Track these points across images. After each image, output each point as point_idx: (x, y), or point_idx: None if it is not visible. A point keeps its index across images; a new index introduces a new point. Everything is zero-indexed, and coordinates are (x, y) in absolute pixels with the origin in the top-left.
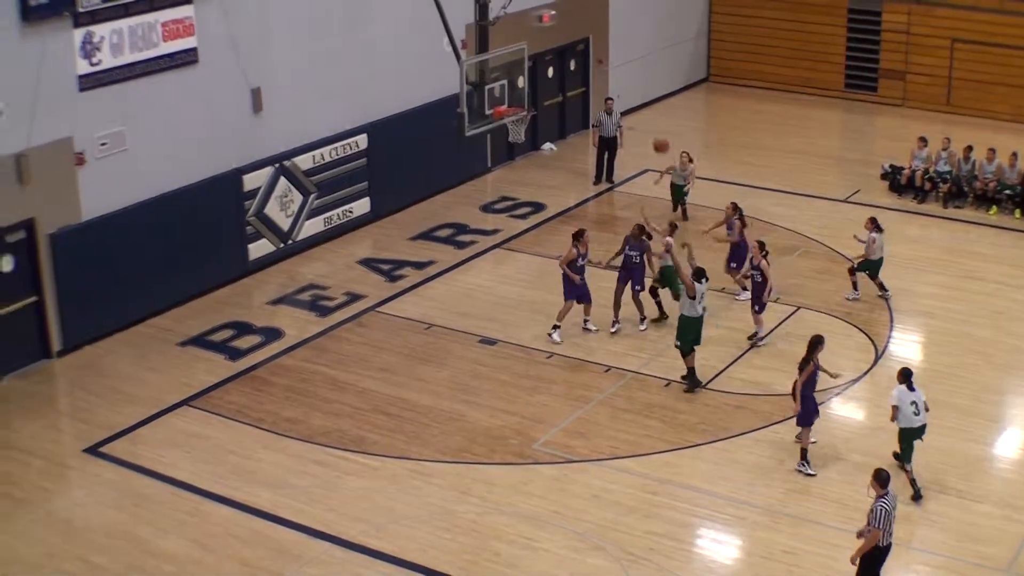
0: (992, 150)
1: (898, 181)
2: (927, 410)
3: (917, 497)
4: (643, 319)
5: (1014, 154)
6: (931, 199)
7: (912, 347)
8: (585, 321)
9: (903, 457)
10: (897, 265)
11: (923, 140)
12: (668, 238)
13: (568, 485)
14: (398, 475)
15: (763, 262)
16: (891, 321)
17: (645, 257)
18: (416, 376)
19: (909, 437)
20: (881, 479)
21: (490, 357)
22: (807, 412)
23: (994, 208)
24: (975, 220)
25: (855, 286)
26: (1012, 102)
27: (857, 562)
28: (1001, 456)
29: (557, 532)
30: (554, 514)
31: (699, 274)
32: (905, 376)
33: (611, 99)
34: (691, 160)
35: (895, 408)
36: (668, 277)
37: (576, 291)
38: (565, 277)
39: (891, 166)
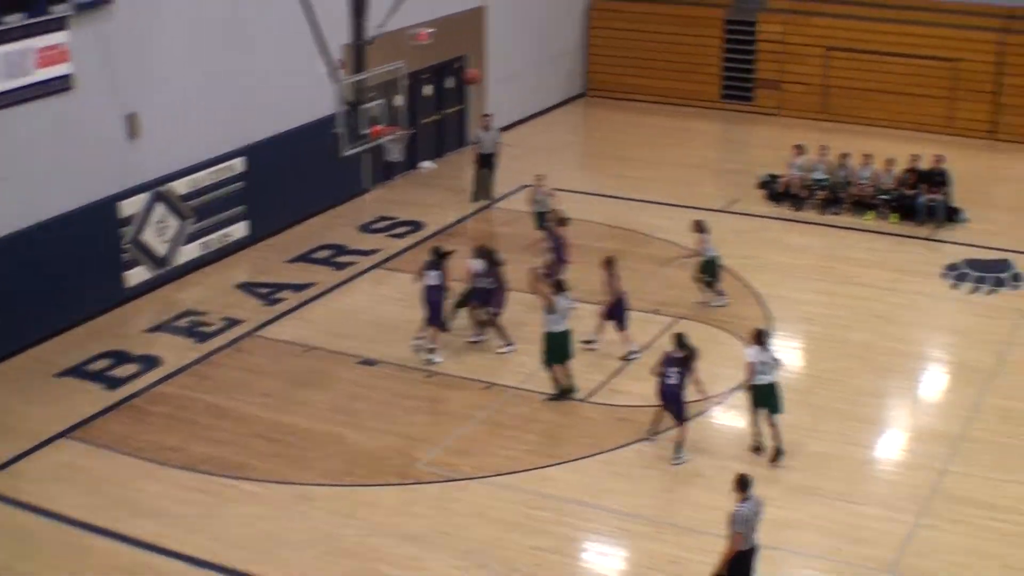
0: (867, 155)
1: (775, 189)
2: (778, 368)
3: (762, 451)
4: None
5: (889, 159)
6: (808, 206)
7: (792, 353)
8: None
9: (754, 411)
10: (776, 272)
11: (799, 148)
12: (475, 262)
13: (451, 504)
14: (281, 500)
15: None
16: (770, 328)
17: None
18: (296, 400)
19: (758, 395)
20: (741, 484)
21: (370, 378)
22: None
23: (870, 213)
24: (852, 226)
25: (716, 292)
26: (887, 108)
27: (725, 570)
28: (881, 458)
29: (442, 551)
30: (439, 533)
31: (559, 287)
32: (758, 336)
33: (489, 115)
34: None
35: (750, 365)
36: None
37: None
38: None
39: (768, 175)
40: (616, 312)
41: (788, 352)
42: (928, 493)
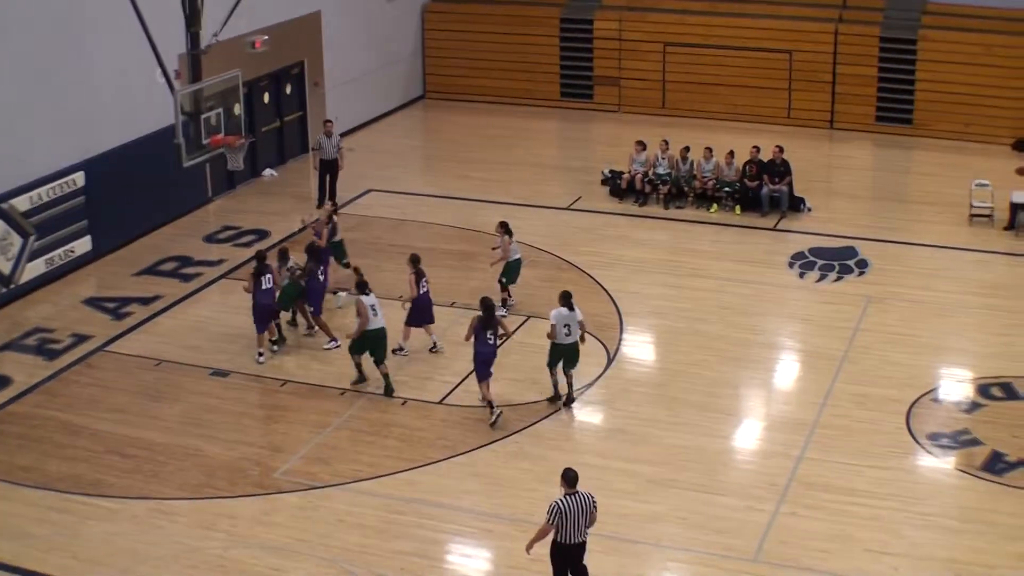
0: (709, 149)
1: (618, 185)
2: (582, 331)
3: (560, 400)
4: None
5: (730, 152)
6: (652, 201)
7: (643, 348)
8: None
9: (551, 365)
10: (623, 268)
11: (640, 144)
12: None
13: (313, 512)
14: (139, 516)
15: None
16: (621, 323)
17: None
18: (150, 414)
19: (558, 352)
20: (567, 478)
21: (223, 389)
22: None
23: (715, 206)
24: (697, 219)
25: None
26: (726, 101)
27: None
28: (739, 448)
29: (305, 560)
30: (301, 542)
31: (362, 288)
32: (564, 298)
33: (330, 121)
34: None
35: (553, 327)
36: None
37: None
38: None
39: (611, 171)
40: (421, 313)
41: (640, 347)
42: (786, 481)
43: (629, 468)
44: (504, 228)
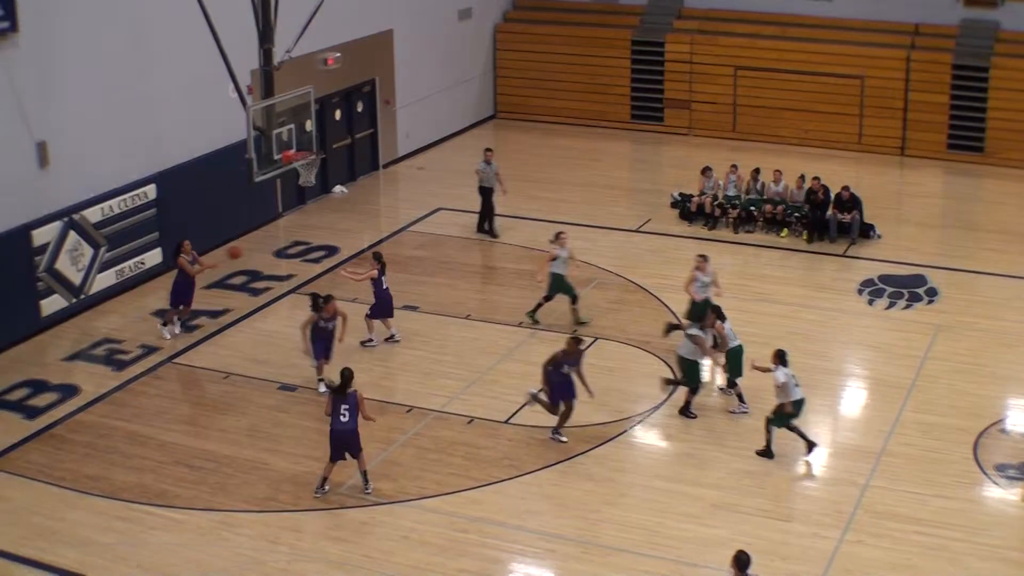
0: (778, 171)
1: (688, 208)
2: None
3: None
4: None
5: (801, 176)
6: (722, 225)
7: (710, 371)
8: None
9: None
10: None
11: (708, 170)
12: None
13: (376, 528)
14: (204, 527)
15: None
16: None
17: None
18: (217, 426)
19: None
20: (739, 563)
21: (291, 403)
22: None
23: (785, 231)
24: (766, 243)
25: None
26: (796, 125)
27: None
28: (806, 474)
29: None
30: (364, 558)
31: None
32: (781, 357)
33: (490, 150)
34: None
35: (783, 385)
36: None
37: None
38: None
39: (680, 194)
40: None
41: (707, 370)
42: (852, 508)
43: (694, 492)
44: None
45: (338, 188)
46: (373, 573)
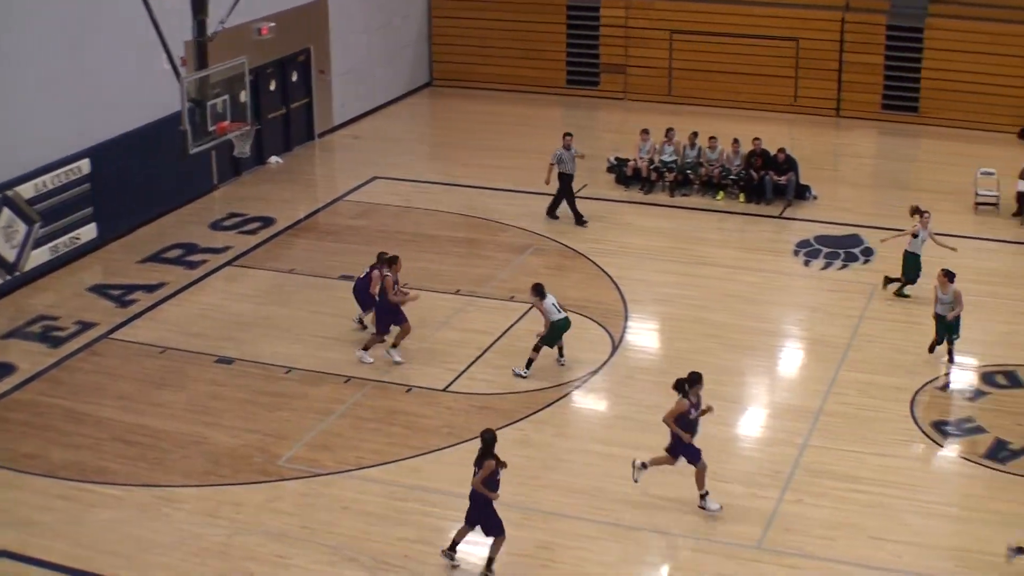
0: (713, 138)
1: (624, 173)
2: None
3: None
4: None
5: (736, 140)
6: (658, 189)
7: (648, 335)
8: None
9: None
10: (629, 255)
11: (645, 132)
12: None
13: (316, 499)
14: (144, 503)
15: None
16: (625, 311)
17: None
18: (154, 402)
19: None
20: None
21: (228, 376)
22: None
23: (720, 193)
24: (702, 207)
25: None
26: (732, 89)
27: None
28: (744, 436)
29: (309, 547)
30: (304, 529)
31: None
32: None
33: (570, 135)
34: None
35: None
36: None
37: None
38: (384, 304)
39: (616, 159)
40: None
41: (645, 334)
42: (790, 468)
43: (632, 455)
44: (536, 292)
45: (273, 159)
46: (314, 544)
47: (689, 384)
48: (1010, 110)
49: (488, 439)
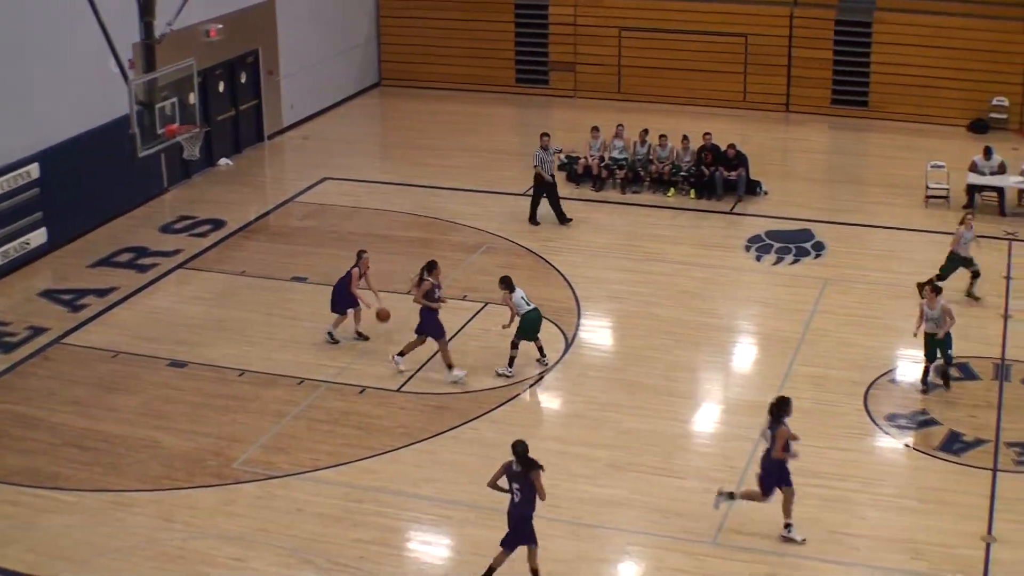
0: (663, 136)
1: (575, 171)
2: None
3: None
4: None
5: (685, 137)
6: (609, 186)
7: (601, 332)
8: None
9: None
10: (580, 253)
11: (595, 130)
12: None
13: (271, 501)
14: (97, 508)
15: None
16: (578, 308)
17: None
18: (107, 406)
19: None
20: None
21: (181, 380)
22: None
23: (671, 190)
24: (653, 203)
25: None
26: (682, 85)
27: None
28: (698, 431)
29: (265, 549)
30: (260, 532)
31: None
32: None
33: (547, 135)
34: None
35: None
36: None
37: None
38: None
39: (567, 156)
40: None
41: (598, 331)
42: (745, 463)
43: (588, 453)
44: (505, 284)
45: (223, 161)
46: (269, 547)
47: (784, 412)
48: (959, 103)
49: (521, 451)
